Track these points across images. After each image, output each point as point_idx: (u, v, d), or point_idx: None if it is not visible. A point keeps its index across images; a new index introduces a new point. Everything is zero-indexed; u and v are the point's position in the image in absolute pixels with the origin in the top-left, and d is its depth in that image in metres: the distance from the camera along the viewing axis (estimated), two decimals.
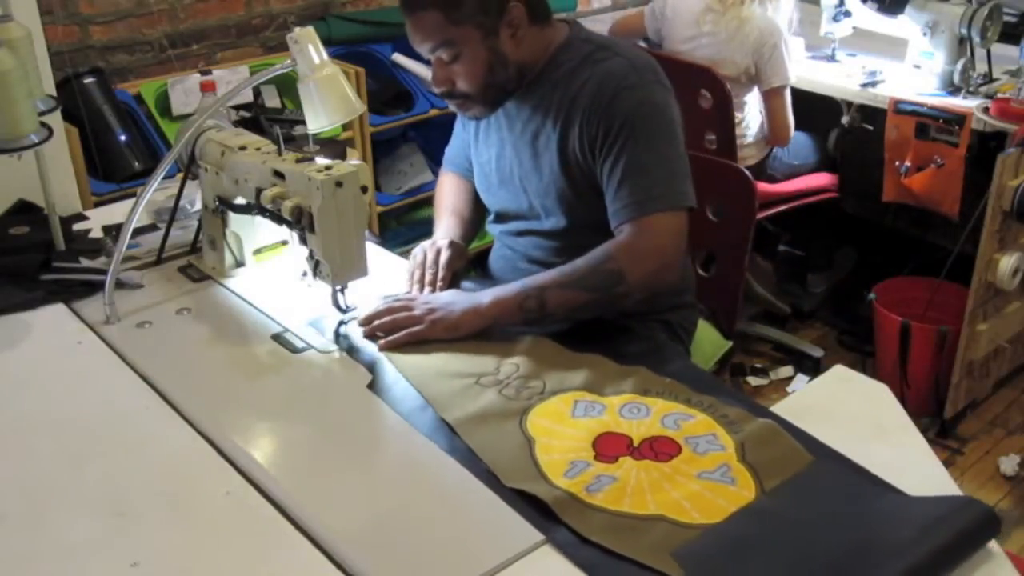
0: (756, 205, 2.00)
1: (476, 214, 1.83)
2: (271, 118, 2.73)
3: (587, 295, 1.49)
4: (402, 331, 1.46)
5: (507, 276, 1.69)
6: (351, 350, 1.47)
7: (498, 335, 1.48)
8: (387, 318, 1.49)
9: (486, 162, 1.74)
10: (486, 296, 1.50)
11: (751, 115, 2.92)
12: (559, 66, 1.60)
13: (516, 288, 1.50)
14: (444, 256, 1.64)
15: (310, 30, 1.56)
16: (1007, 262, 2.50)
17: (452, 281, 1.64)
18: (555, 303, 1.48)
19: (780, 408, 1.28)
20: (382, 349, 1.45)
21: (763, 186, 2.89)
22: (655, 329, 1.67)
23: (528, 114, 1.63)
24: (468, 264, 1.74)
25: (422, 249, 1.67)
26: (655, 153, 1.52)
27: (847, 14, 2.99)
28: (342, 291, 1.51)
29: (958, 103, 2.68)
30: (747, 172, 1.99)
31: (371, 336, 1.48)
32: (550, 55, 1.61)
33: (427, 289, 1.61)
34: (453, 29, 1.51)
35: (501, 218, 1.78)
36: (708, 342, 1.86)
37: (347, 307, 1.52)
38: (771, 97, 2.85)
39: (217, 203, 1.60)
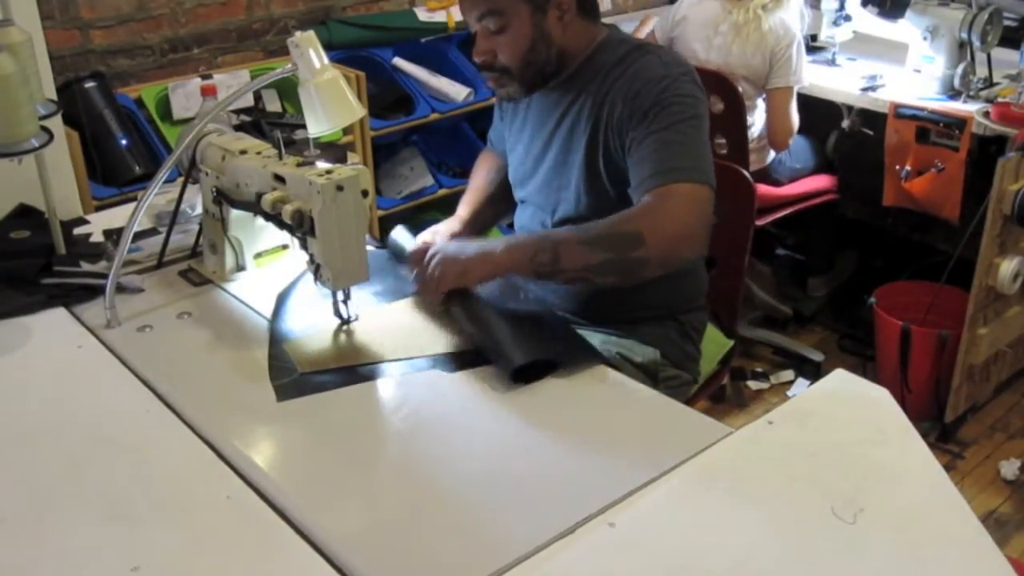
0: (755, 206, 2.00)
1: (502, 192, 1.89)
2: (272, 122, 2.73)
3: (602, 255, 1.46)
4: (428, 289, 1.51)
5: None
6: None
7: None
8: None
9: (518, 155, 1.78)
10: (499, 244, 1.50)
11: (760, 119, 2.92)
12: (596, 64, 1.64)
13: (531, 240, 1.51)
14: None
15: (311, 34, 1.56)
16: (1007, 266, 2.50)
17: None
18: (568, 259, 1.47)
19: (781, 412, 1.28)
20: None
21: (766, 189, 2.90)
22: (669, 328, 1.71)
23: (563, 110, 1.67)
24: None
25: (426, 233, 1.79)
26: (680, 134, 1.54)
27: (847, 18, 3.00)
28: (345, 301, 1.51)
29: (958, 107, 2.68)
30: (746, 173, 2.00)
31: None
32: (589, 52, 1.65)
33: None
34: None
35: (526, 210, 1.81)
36: (712, 341, 1.87)
37: (348, 316, 1.52)
38: (773, 96, 2.85)
39: (215, 193, 1.60)
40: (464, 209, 1.88)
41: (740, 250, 1.98)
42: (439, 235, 1.80)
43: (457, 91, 3.14)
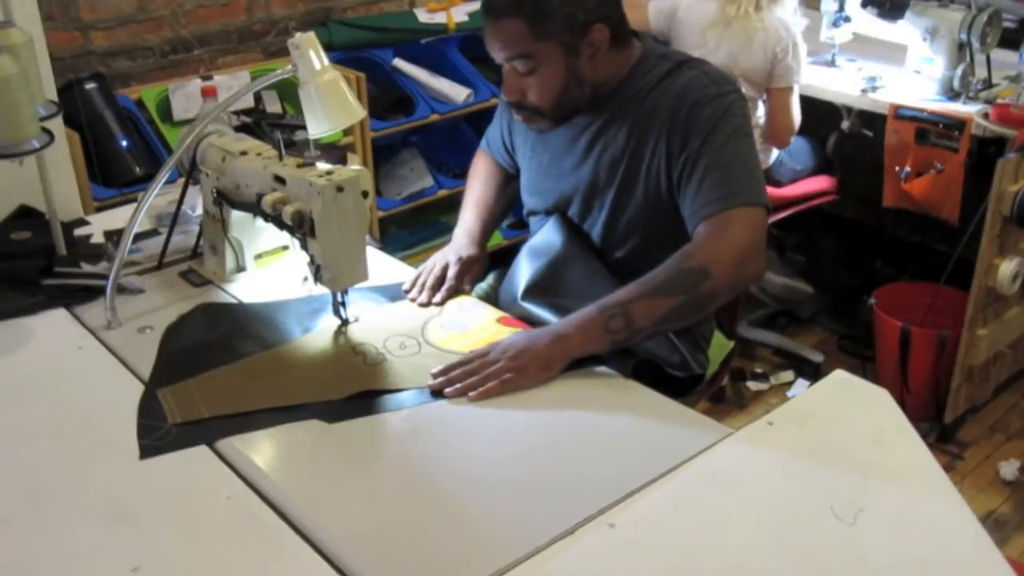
0: None
1: (502, 205, 1.85)
2: (272, 123, 2.73)
3: (673, 300, 1.41)
4: (493, 381, 1.35)
5: None
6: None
7: None
8: (460, 371, 1.38)
9: (535, 170, 1.73)
10: (568, 326, 1.41)
11: (760, 120, 2.91)
12: (636, 84, 1.58)
13: (595, 310, 1.41)
14: (452, 271, 1.65)
15: (311, 35, 1.56)
16: (1007, 267, 2.51)
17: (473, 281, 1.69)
18: (641, 316, 1.40)
19: (780, 413, 1.28)
20: (474, 399, 1.34)
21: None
22: (683, 341, 1.66)
23: (595, 131, 1.62)
24: (486, 268, 1.76)
25: (434, 259, 1.69)
26: (732, 154, 1.51)
27: (847, 19, 3.00)
28: (343, 303, 1.51)
29: (958, 108, 2.69)
30: None
31: (450, 391, 1.35)
32: (626, 73, 1.59)
33: (426, 294, 1.61)
34: (535, 43, 1.48)
35: (542, 222, 1.75)
36: (713, 344, 1.86)
37: (347, 318, 1.53)
38: (775, 95, 2.84)
39: (215, 194, 1.61)
40: (474, 223, 1.78)
41: None
42: (444, 261, 1.68)
43: (457, 92, 3.15)
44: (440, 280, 1.64)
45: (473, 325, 1.54)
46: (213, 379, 1.40)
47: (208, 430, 1.28)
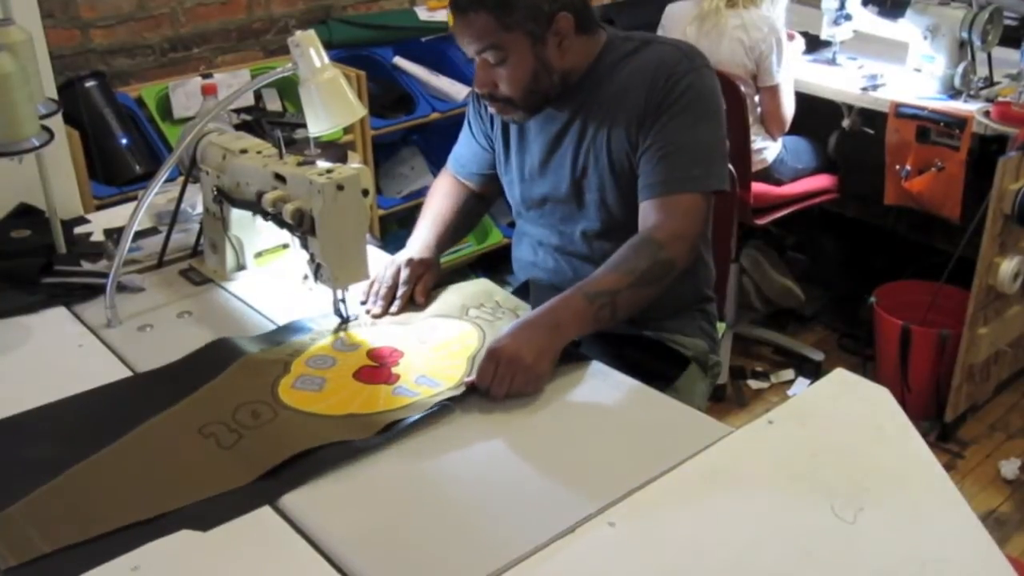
0: (737, 189, 2.00)
1: (461, 221, 1.83)
2: (272, 121, 2.73)
3: (650, 290, 1.49)
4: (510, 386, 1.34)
5: (538, 268, 1.75)
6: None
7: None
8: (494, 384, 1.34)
9: (518, 172, 1.73)
10: (561, 315, 1.41)
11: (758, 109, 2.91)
12: (602, 67, 1.62)
13: (583, 299, 1.43)
14: (404, 274, 1.60)
15: (311, 34, 1.56)
16: (1008, 266, 2.50)
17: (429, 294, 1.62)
18: (625, 306, 1.46)
19: (781, 411, 1.28)
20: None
21: (767, 188, 2.90)
22: (697, 318, 1.74)
23: (566, 122, 1.64)
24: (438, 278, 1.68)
25: (384, 265, 1.63)
26: (700, 133, 1.55)
27: (848, 17, 3.00)
28: (343, 300, 1.51)
29: (959, 107, 2.68)
30: (730, 167, 2.00)
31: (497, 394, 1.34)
32: (593, 60, 1.62)
33: (380, 305, 1.57)
34: (503, 34, 1.52)
35: (535, 226, 1.77)
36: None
37: (348, 315, 1.52)
38: (763, 94, 2.86)
39: (215, 192, 1.61)
40: (428, 233, 1.74)
41: (726, 232, 1.99)
42: (395, 267, 1.62)
43: (457, 90, 3.14)
44: (393, 288, 1.59)
45: (327, 384, 1.37)
46: (41, 501, 1.13)
47: (55, 570, 1.04)
